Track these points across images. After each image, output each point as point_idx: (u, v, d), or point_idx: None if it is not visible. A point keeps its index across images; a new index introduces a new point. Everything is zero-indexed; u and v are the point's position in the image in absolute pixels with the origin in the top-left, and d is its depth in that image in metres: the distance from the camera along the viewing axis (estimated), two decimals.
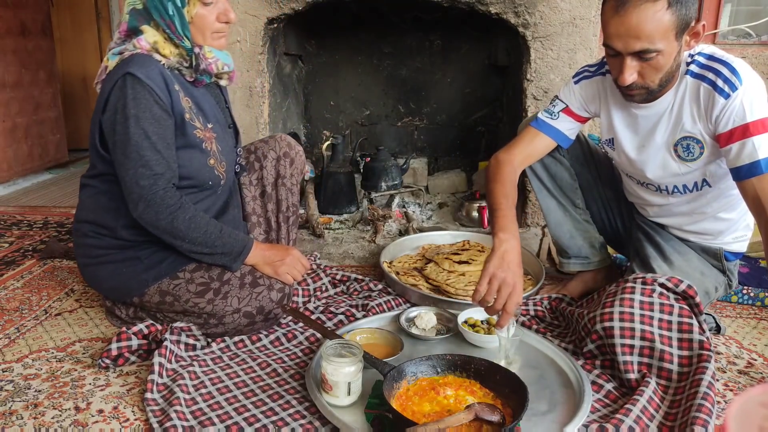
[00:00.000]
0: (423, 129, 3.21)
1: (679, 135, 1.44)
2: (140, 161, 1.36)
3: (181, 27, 1.40)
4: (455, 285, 1.76)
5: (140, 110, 1.36)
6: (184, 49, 1.44)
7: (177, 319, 1.53)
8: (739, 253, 1.60)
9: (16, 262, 2.12)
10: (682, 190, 1.53)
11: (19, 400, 1.28)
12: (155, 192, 1.38)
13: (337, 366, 1.20)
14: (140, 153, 1.36)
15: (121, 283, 1.52)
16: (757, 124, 1.30)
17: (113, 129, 1.38)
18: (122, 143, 1.37)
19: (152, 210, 1.38)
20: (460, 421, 1.05)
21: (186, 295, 1.49)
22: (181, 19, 1.39)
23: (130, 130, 1.36)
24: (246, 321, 1.49)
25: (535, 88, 2.33)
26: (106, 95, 1.39)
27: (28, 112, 3.46)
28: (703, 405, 1.15)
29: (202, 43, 1.46)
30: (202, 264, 1.52)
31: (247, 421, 1.19)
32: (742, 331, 1.64)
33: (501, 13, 2.26)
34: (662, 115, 1.46)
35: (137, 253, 1.50)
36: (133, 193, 1.38)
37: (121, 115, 1.36)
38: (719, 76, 1.34)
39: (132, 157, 1.36)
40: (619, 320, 1.34)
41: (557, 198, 1.77)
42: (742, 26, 2.56)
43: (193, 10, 1.41)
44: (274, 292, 1.52)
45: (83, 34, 4.34)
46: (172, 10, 1.38)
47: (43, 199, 3.13)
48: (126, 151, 1.37)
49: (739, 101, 1.32)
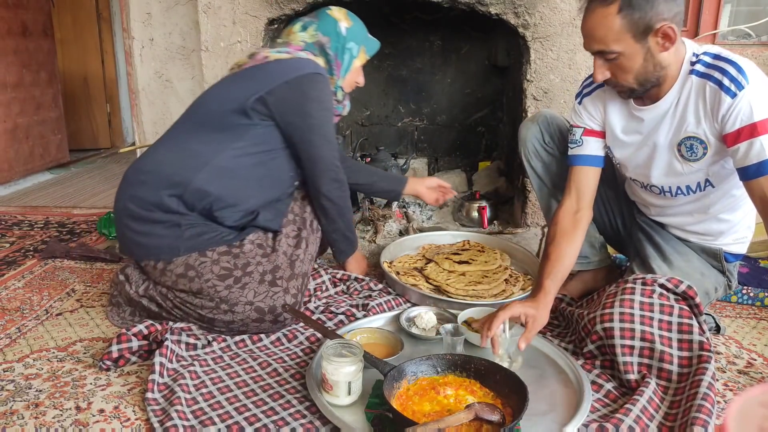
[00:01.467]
0: (423, 129, 3.21)
1: (682, 135, 1.44)
2: (333, 145, 1.66)
3: (345, 70, 1.76)
4: (455, 285, 1.76)
5: (330, 105, 1.68)
6: (335, 84, 1.76)
7: (187, 300, 1.53)
8: (739, 254, 1.60)
9: (17, 262, 2.12)
10: (685, 192, 1.52)
11: (20, 399, 1.28)
12: (342, 172, 1.69)
13: (337, 366, 1.20)
14: (332, 139, 1.67)
15: (153, 243, 1.55)
16: (765, 123, 1.29)
17: (307, 112, 1.60)
18: (320, 127, 1.63)
19: (338, 184, 1.68)
20: (460, 420, 1.06)
21: (208, 274, 1.52)
22: (348, 65, 1.76)
23: (328, 119, 1.65)
24: (255, 315, 1.50)
25: (535, 88, 2.34)
26: (288, 78, 1.58)
27: (29, 113, 3.46)
28: (703, 405, 1.15)
29: (342, 85, 1.80)
30: (231, 250, 1.57)
31: (248, 420, 1.20)
32: (742, 331, 1.65)
33: (501, 14, 2.26)
34: (665, 115, 1.45)
35: (180, 220, 1.54)
36: (327, 171, 1.66)
37: (318, 104, 1.62)
38: (725, 75, 1.33)
39: (330, 140, 1.65)
40: (619, 321, 1.34)
41: (557, 197, 1.77)
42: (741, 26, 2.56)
43: (355, 64, 1.78)
44: (289, 296, 1.55)
45: (84, 35, 4.34)
46: (348, 57, 1.75)
47: (44, 199, 3.13)
48: (326, 135, 1.64)
49: (747, 100, 1.30)
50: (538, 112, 1.77)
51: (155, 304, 1.58)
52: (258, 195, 1.64)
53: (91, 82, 4.44)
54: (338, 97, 1.78)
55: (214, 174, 1.55)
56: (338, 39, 1.71)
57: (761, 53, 2.43)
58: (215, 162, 1.56)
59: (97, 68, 4.43)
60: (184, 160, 1.56)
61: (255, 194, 1.63)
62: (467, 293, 1.73)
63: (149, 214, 1.54)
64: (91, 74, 4.43)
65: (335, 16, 1.73)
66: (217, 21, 2.40)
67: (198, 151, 1.56)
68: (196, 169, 1.55)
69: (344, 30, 1.73)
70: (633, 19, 1.30)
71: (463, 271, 1.83)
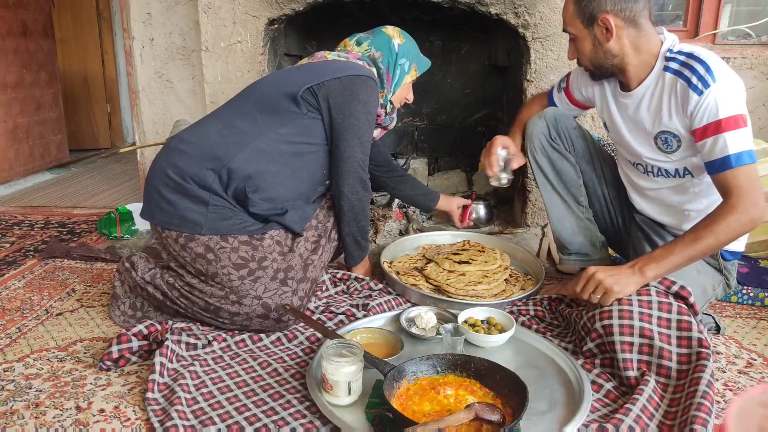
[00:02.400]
0: (423, 129, 3.21)
1: (658, 128, 1.52)
2: (365, 149, 1.69)
3: (395, 84, 1.83)
4: (455, 285, 1.76)
5: (375, 111, 1.72)
6: (384, 97, 1.81)
7: (196, 287, 1.54)
8: (736, 252, 1.60)
9: (17, 262, 2.12)
10: (665, 174, 1.58)
11: (20, 399, 1.28)
12: (367, 178, 1.72)
13: (337, 365, 1.20)
14: (368, 144, 1.70)
15: (178, 213, 1.55)
16: (729, 121, 1.37)
17: (351, 111, 1.64)
18: (359, 129, 1.66)
19: (363, 189, 1.71)
20: (460, 420, 1.06)
21: (225, 260, 1.53)
22: (400, 79, 1.83)
23: (369, 123, 1.68)
24: (261, 311, 1.51)
25: (535, 88, 2.34)
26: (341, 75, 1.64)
27: (29, 113, 3.46)
28: (703, 404, 1.15)
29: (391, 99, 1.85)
30: (251, 241, 1.57)
31: (248, 420, 1.20)
32: (742, 331, 1.65)
33: (501, 14, 2.26)
34: (640, 104, 1.54)
35: (208, 198, 1.55)
36: (354, 172, 1.68)
37: (363, 106, 1.66)
38: (694, 73, 1.41)
39: (364, 144, 1.68)
40: (618, 318, 1.34)
41: (561, 194, 1.78)
42: (741, 26, 2.56)
43: (406, 80, 1.85)
44: (296, 298, 1.56)
45: (84, 35, 4.34)
46: (399, 72, 1.82)
47: (44, 199, 3.14)
48: (360, 138, 1.67)
49: (713, 98, 1.37)
50: (546, 108, 1.78)
51: (160, 292, 1.58)
52: (289, 185, 1.65)
53: (92, 82, 4.44)
54: (387, 110, 1.84)
55: (254, 155, 1.58)
56: (390, 54, 1.79)
57: (761, 53, 2.43)
58: (257, 144, 1.58)
59: (97, 68, 4.43)
60: (228, 136, 1.59)
61: (287, 183, 1.65)
62: (467, 293, 1.74)
63: (184, 184, 1.55)
64: (91, 74, 4.43)
65: (389, 33, 1.82)
66: (218, 21, 2.40)
67: (243, 130, 1.60)
68: (237, 147, 1.57)
69: (397, 46, 1.80)
70: (581, 6, 1.48)
71: (463, 271, 1.83)
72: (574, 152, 1.76)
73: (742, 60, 2.42)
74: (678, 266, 1.40)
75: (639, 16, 1.45)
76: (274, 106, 1.62)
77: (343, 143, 1.66)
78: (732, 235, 1.37)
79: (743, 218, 1.35)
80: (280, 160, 1.62)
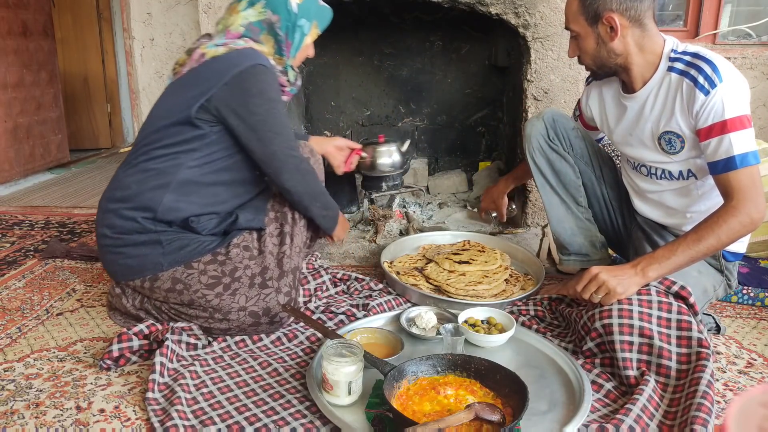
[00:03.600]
0: (423, 129, 3.21)
1: (662, 129, 1.51)
2: (288, 136, 1.57)
3: (295, 49, 1.67)
4: (456, 285, 1.76)
5: (277, 95, 1.57)
6: (284, 64, 1.66)
7: (182, 311, 1.54)
8: (737, 254, 1.60)
9: (17, 262, 2.12)
10: (668, 177, 1.57)
11: (20, 399, 1.28)
12: (303, 160, 1.61)
13: (337, 365, 1.20)
14: (286, 130, 1.57)
15: (136, 263, 1.53)
16: (735, 121, 1.37)
17: (250, 110, 1.51)
18: (266, 122, 1.53)
19: (300, 175, 1.60)
20: (461, 420, 1.06)
21: (196, 285, 1.51)
22: (299, 42, 1.67)
23: (275, 111, 1.54)
24: (251, 320, 1.50)
25: (535, 88, 2.34)
26: (226, 78, 1.49)
27: (29, 112, 3.46)
28: (703, 404, 1.15)
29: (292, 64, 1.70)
30: (216, 258, 1.55)
31: (248, 420, 1.20)
32: (742, 331, 1.65)
33: (501, 14, 2.26)
34: (644, 105, 1.54)
35: (160, 237, 1.53)
36: (288, 164, 1.57)
37: (261, 98, 1.52)
38: (701, 73, 1.40)
39: (283, 133, 1.56)
40: (618, 317, 1.34)
41: (560, 195, 1.78)
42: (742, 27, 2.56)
43: (306, 41, 1.69)
44: (282, 295, 1.54)
45: (84, 35, 4.34)
46: (299, 37, 1.65)
47: (44, 199, 3.13)
48: (274, 129, 1.54)
49: (719, 98, 1.38)
50: (543, 109, 1.78)
51: (152, 317, 1.58)
52: (231, 199, 1.62)
53: (92, 81, 4.44)
54: (290, 78, 1.68)
55: (180, 190, 1.52)
56: (289, 17, 1.61)
57: (761, 53, 2.43)
58: (179, 178, 1.52)
59: (97, 68, 4.43)
60: (148, 181, 1.52)
61: (227, 199, 1.62)
62: (467, 293, 1.74)
63: (128, 237, 1.53)
64: (91, 74, 4.43)
65: None
66: None
67: (159, 170, 1.52)
68: (162, 188, 1.51)
69: (295, 6, 1.61)
70: (585, 3, 1.48)
71: (464, 271, 1.83)
72: (572, 153, 1.76)
73: (743, 60, 2.42)
74: (680, 267, 1.40)
75: (644, 15, 1.45)
76: (177, 138, 1.52)
77: (259, 144, 1.54)
78: (733, 236, 1.37)
79: (744, 220, 1.36)
80: (208, 182, 1.56)
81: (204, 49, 1.54)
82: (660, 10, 2.68)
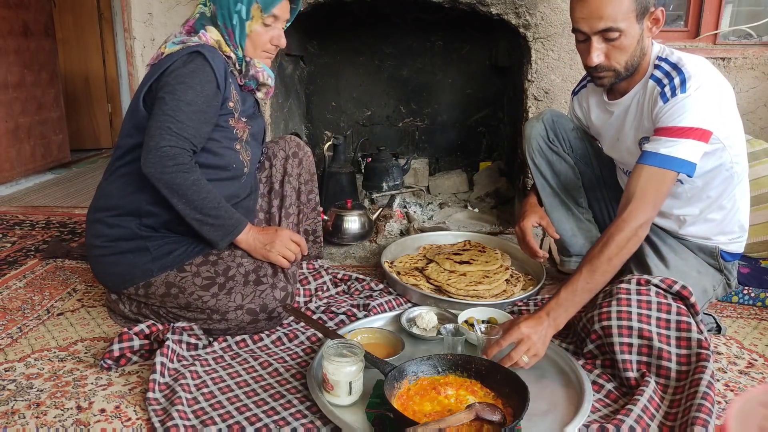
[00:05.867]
0: (424, 129, 3.21)
1: (641, 134, 1.52)
2: (174, 119, 1.42)
3: (239, 37, 1.53)
4: (456, 285, 1.76)
5: (195, 82, 1.44)
6: (236, 57, 1.56)
7: (180, 315, 1.54)
8: (736, 253, 1.60)
9: (18, 262, 2.13)
10: None
11: (21, 399, 1.28)
12: (172, 147, 1.42)
13: (338, 365, 1.20)
14: (177, 114, 1.42)
15: (126, 271, 1.54)
16: (683, 130, 1.35)
17: (162, 89, 1.44)
18: (165, 101, 1.43)
19: (162, 161, 1.41)
20: (461, 420, 1.06)
21: (191, 287, 1.51)
22: (242, 30, 1.53)
23: (177, 92, 1.43)
24: (249, 318, 1.50)
25: (536, 88, 2.34)
26: (164, 67, 1.45)
27: (30, 113, 3.46)
28: (703, 405, 1.15)
29: (252, 56, 1.58)
30: (208, 259, 1.54)
31: (249, 420, 1.20)
32: (743, 332, 1.65)
33: (502, 14, 2.26)
34: (628, 110, 1.53)
35: (147, 244, 1.52)
36: (152, 140, 1.41)
37: (175, 79, 1.44)
38: (670, 82, 1.40)
39: (168, 114, 1.42)
40: (617, 318, 1.34)
41: (560, 196, 1.78)
42: (743, 27, 2.56)
43: (253, 26, 1.53)
44: (278, 290, 1.53)
45: (85, 35, 4.34)
46: (236, 21, 1.51)
47: (45, 199, 3.14)
48: (164, 108, 1.42)
49: (674, 107, 1.37)
50: (543, 110, 1.78)
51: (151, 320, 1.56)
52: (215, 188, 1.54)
53: (93, 82, 4.44)
54: (243, 70, 1.58)
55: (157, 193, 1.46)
56: (222, 6, 1.51)
57: (762, 53, 2.42)
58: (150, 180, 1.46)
59: (98, 68, 4.43)
60: (126, 186, 1.52)
61: None
62: (468, 293, 1.74)
63: (117, 245, 1.53)
64: (92, 74, 4.43)
65: None
66: None
67: (134, 174, 1.49)
68: (140, 192, 1.50)
69: None
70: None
71: (464, 272, 1.83)
72: (572, 154, 1.76)
73: (743, 60, 2.42)
74: (584, 302, 1.36)
75: None
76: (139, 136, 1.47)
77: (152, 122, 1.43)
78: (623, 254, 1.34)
79: (628, 233, 1.33)
80: None
81: (163, 48, 1.52)
82: None
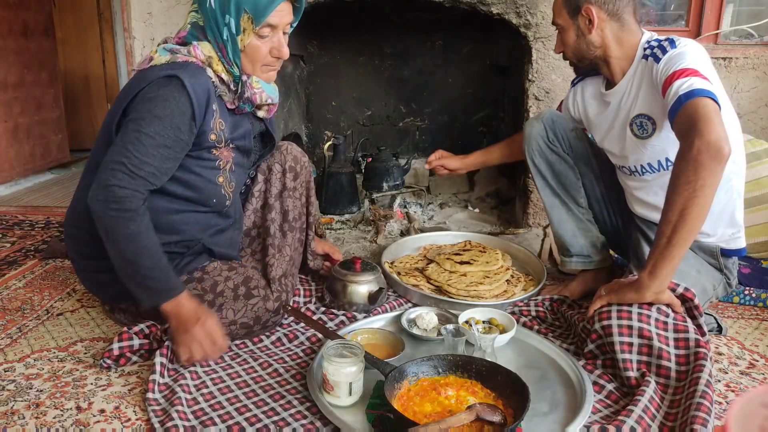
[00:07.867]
0: (424, 129, 3.21)
1: (633, 113, 1.55)
2: (132, 155, 1.27)
3: (232, 54, 1.38)
4: (457, 285, 1.76)
5: (165, 112, 1.30)
6: (232, 75, 1.41)
7: None
8: (736, 250, 1.60)
9: (18, 262, 2.12)
10: (649, 169, 1.58)
11: (20, 399, 1.28)
12: (122, 187, 1.26)
13: (338, 366, 1.20)
14: (137, 148, 1.28)
15: (111, 289, 1.48)
16: (689, 70, 1.38)
17: (130, 113, 1.32)
18: (128, 131, 1.29)
19: (106, 202, 1.26)
20: (462, 421, 1.05)
21: None
22: (234, 46, 1.37)
23: (142, 123, 1.28)
24: (244, 331, 1.49)
25: (536, 88, 2.33)
26: (142, 86, 1.33)
27: (30, 113, 3.46)
28: (702, 404, 1.15)
29: (251, 73, 1.43)
30: (193, 275, 1.48)
31: (249, 421, 1.19)
32: (744, 332, 1.64)
33: (503, 14, 2.26)
34: (622, 96, 1.59)
35: None
36: (103, 174, 1.27)
37: (144, 106, 1.30)
38: (662, 50, 1.47)
39: (128, 147, 1.28)
40: (617, 318, 1.34)
41: (560, 196, 1.77)
42: (744, 26, 2.55)
43: (246, 40, 1.37)
44: (270, 302, 1.50)
45: (85, 35, 4.34)
46: (227, 36, 1.36)
47: (45, 199, 3.14)
48: (125, 140, 1.28)
49: (673, 55, 1.43)
50: (543, 110, 1.79)
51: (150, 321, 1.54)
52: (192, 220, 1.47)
53: (92, 81, 4.44)
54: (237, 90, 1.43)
55: None
56: (209, 19, 1.36)
57: (763, 53, 2.42)
58: None
59: (98, 68, 4.43)
60: None
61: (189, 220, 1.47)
62: (468, 294, 1.73)
63: (95, 263, 1.45)
64: (92, 74, 4.43)
65: None
66: None
67: None
68: None
69: (212, 2, 1.35)
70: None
71: (465, 272, 1.83)
72: (572, 154, 1.76)
73: (744, 60, 2.41)
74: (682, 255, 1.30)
75: (623, 11, 1.53)
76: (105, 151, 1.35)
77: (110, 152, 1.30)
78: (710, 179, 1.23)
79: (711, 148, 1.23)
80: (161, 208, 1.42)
81: (154, 53, 1.39)
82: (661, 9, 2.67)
